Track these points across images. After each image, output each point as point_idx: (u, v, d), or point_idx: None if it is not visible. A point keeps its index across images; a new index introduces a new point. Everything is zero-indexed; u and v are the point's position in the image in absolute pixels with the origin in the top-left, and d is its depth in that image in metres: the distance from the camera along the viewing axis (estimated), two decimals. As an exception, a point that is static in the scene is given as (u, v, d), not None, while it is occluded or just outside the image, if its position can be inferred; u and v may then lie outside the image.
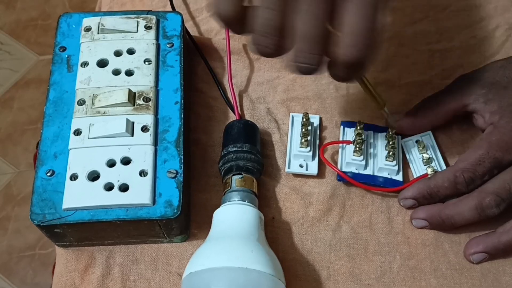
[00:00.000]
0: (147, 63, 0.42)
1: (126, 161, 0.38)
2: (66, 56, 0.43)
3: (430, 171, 0.41)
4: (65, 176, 0.37)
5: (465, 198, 0.39)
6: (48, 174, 0.38)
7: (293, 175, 0.43)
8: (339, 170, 0.42)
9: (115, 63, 0.42)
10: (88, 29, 0.44)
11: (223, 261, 0.33)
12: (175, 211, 0.37)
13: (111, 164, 0.38)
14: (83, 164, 0.38)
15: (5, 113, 1.20)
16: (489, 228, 0.40)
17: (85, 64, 0.42)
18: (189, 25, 0.51)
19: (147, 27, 0.44)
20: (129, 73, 0.42)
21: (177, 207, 0.37)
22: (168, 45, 0.44)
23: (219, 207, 0.38)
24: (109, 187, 0.37)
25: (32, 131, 1.17)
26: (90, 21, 0.44)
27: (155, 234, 0.39)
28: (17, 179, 1.13)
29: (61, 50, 0.43)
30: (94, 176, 0.38)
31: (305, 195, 0.42)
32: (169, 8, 0.51)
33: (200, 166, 0.44)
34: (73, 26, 0.44)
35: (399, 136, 0.44)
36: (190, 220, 0.41)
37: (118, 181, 0.37)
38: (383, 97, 0.42)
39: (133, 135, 0.39)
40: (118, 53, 0.43)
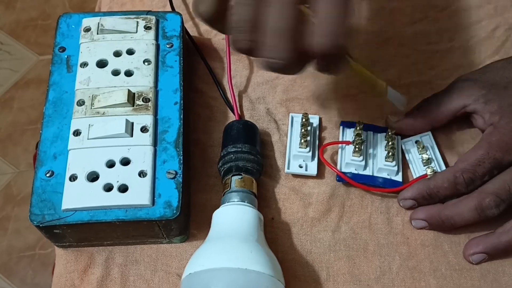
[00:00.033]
0: (146, 63, 0.42)
1: (125, 162, 0.38)
2: (65, 56, 0.43)
3: (429, 172, 0.40)
4: (65, 176, 0.37)
5: (464, 198, 0.39)
6: (47, 174, 0.38)
7: (293, 175, 0.43)
8: (339, 170, 0.42)
9: (114, 63, 0.42)
10: (87, 30, 0.44)
11: (222, 262, 0.33)
12: (175, 211, 0.36)
13: (111, 164, 0.38)
14: (82, 164, 0.38)
15: (5, 113, 1.20)
16: (489, 228, 0.40)
17: (84, 64, 0.42)
18: (189, 25, 0.51)
19: (147, 28, 0.44)
20: (129, 74, 0.42)
21: (177, 207, 0.37)
22: (167, 46, 0.44)
23: (219, 208, 0.38)
24: (108, 188, 0.37)
25: (32, 131, 1.17)
26: (89, 22, 0.44)
27: (154, 234, 0.39)
28: (17, 179, 1.13)
29: (60, 50, 0.43)
30: (93, 176, 0.38)
31: (305, 195, 0.42)
32: (168, 8, 0.51)
33: (199, 166, 0.44)
34: (73, 26, 0.44)
35: (399, 136, 0.44)
36: (189, 220, 0.41)
37: (117, 181, 0.37)
38: (382, 79, 0.40)
39: (132, 136, 0.39)
40: (117, 54, 0.43)
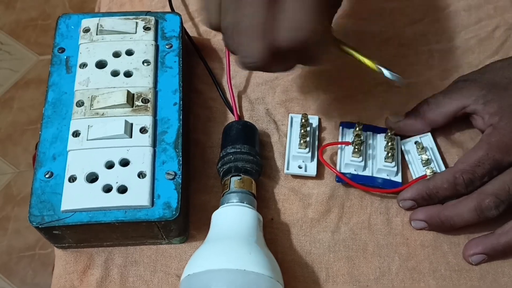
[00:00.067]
0: (145, 64, 0.42)
1: (124, 163, 0.38)
2: (65, 57, 0.43)
3: (429, 172, 0.40)
4: (64, 177, 0.37)
5: (464, 199, 0.39)
6: (46, 175, 0.38)
7: (292, 176, 0.43)
8: (338, 171, 0.42)
9: (113, 64, 0.42)
10: (87, 30, 0.44)
11: (221, 263, 0.33)
12: (174, 212, 0.36)
13: (110, 165, 0.38)
14: (81, 165, 0.38)
15: (5, 113, 1.20)
16: (488, 229, 0.40)
17: (83, 65, 0.42)
18: (188, 26, 0.51)
19: (146, 28, 0.44)
20: (128, 74, 0.42)
21: (176, 208, 0.37)
22: (167, 46, 0.44)
23: (218, 209, 0.38)
24: (107, 189, 0.37)
25: (32, 131, 1.17)
26: (89, 22, 0.44)
27: (153, 235, 0.39)
28: (17, 179, 1.13)
29: (60, 51, 0.43)
30: (92, 177, 0.38)
31: (304, 196, 0.42)
32: (168, 9, 0.51)
33: (199, 167, 0.44)
34: (72, 27, 0.44)
35: (398, 137, 0.44)
36: (189, 221, 0.41)
37: (116, 182, 0.37)
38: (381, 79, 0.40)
39: (131, 137, 0.39)
40: (116, 54, 0.43)
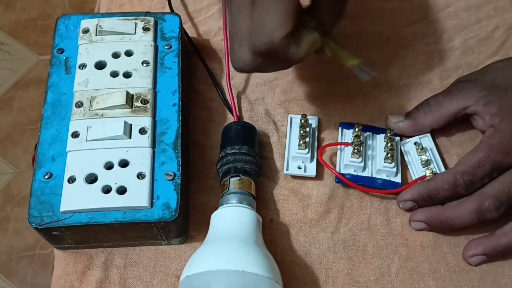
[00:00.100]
0: (145, 65, 0.42)
1: (124, 164, 0.38)
2: (64, 58, 0.43)
3: (428, 173, 0.40)
4: (63, 178, 0.37)
5: (464, 201, 0.39)
6: (46, 176, 0.38)
7: (292, 176, 0.43)
8: (338, 172, 0.41)
9: (113, 65, 0.42)
10: (86, 31, 0.44)
11: (220, 264, 0.33)
12: (173, 213, 0.36)
13: (109, 166, 0.38)
14: (81, 166, 0.38)
15: (5, 113, 1.20)
16: (488, 230, 0.40)
17: (83, 66, 0.42)
18: (188, 26, 0.51)
19: (145, 29, 0.44)
20: (127, 75, 0.42)
21: (175, 209, 0.37)
22: (166, 47, 0.44)
23: (217, 210, 0.38)
24: (107, 190, 0.37)
25: (32, 131, 1.17)
26: (88, 23, 0.44)
27: (153, 236, 0.39)
28: (17, 179, 1.13)
29: (59, 52, 0.43)
30: (92, 178, 0.38)
31: (304, 197, 0.42)
32: (167, 9, 0.51)
33: (198, 167, 0.43)
34: (71, 28, 0.44)
35: (398, 138, 0.44)
36: (188, 222, 0.41)
37: (116, 183, 0.37)
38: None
39: (131, 138, 0.39)
40: (116, 55, 0.43)
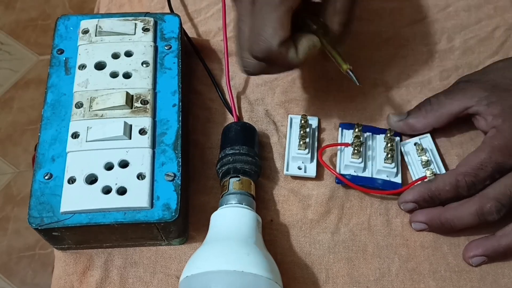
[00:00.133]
0: (144, 65, 0.42)
1: (124, 164, 0.38)
2: (63, 58, 0.43)
3: (428, 174, 0.40)
4: (63, 179, 0.37)
5: (465, 202, 0.38)
6: (46, 177, 0.38)
7: (292, 177, 0.43)
8: (338, 173, 0.41)
9: (112, 65, 0.42)
10: (85, 32, 0.44)
11: (219, 265, 0.33)
12: (173, 214, 0.36)
13: (109, 167, 0.38)
14: (81, 167, 0.38)
15: (5, 113, 1.20)
16: (488, 230, 0.39)
17: (82, 66, 0.42)
18: (187, 27, 0.51)
19: (145, 29, 0.44)
20: (127, 76, 0.42)
21: (175, 210, 0.37)
22: (166, 47, 0.44)
23: (217, 210, 0.38)
24: (107, 190, 0.37)
25: (32, 131, 1.17)
26: (88, 23, 0.44)
27: (153, 237, 0.39)
28: (17, 179, 1.13)
29: (58, 52, 0.43)
30: (92, 179, 0.38)
31: (304, 197, 0.42)
32: (167, 9, 0.51)
33: (198, 168, 0.43)
34: (71, 28, 0.44)
35: (398, 138, 0.44)
36: (188, 222, 0.41)
37: (116, 184, 0.37)
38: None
39: (131, 138, 0.39)
40: (115, 56, 0.43)
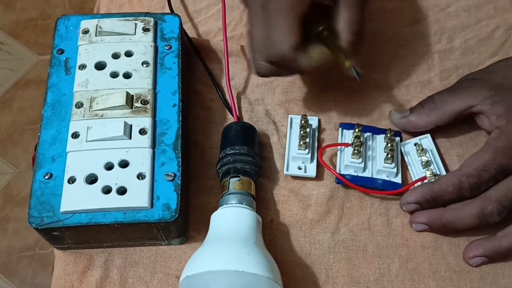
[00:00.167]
0: (145, 65, 0.42)
1: (124, 164, 0.38)
2: (64, 58, 0.43)
3: (429, 174, 0.40)
4: (63, 179, 0.37)
5: (467, 204, 0.38)
6: (46, 177, 0.38)
7: (292, 177, 0.43)
8: (338, 173, 0.41)
9: (113, 65, 0.42)
10: (86, 32, 0.44)
11: (219, 264, 0.33)
12: (173, 214, 0.36)
13: (109, 167, 0.38)
14: (81, 167, 0.38)
15: (5, 113, 1.20)
16: (489, 231, 0.39)
17: (83, 66, 0.42)
18: (188, 27, 0.51)
19: (145, 29, 0.44)
20: (127, 76, 0.42)
21: (175, 210, 0.37)
22: (166, 47, 0.44)
23: (217, 210, 0.38)
24: (107, 190, 0.37)
25: (32, 131, 1.17)
26: (88, 24, 0.44)
27: (153, 236, 0.39)
28: (17, 179, 1.13)
29: (59, 52, 0.43)
30: (92, 179, 0.38)
31: (304, 197, 0.42)
32: (167, 9, 0.51)
33: (198, 168, 0.43)
34: (71, 28, 0.44)
35: (398, 138, 0.44)
36: (188, 222, 0.41)
37: (116, 184, 0.37)
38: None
39: (131, 138, 0.39)
40: (116, 56, 0.43)
